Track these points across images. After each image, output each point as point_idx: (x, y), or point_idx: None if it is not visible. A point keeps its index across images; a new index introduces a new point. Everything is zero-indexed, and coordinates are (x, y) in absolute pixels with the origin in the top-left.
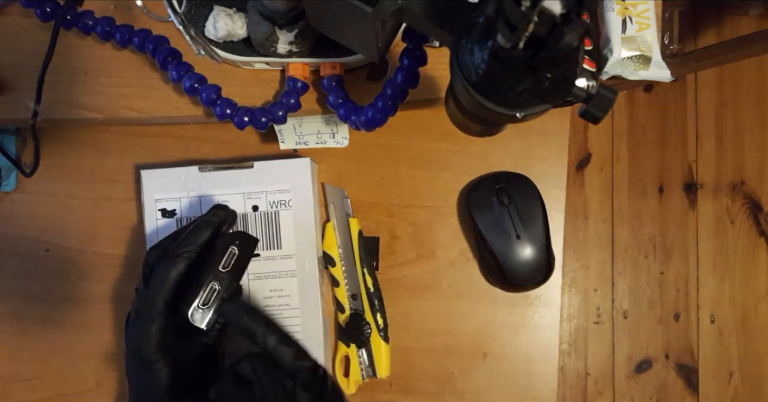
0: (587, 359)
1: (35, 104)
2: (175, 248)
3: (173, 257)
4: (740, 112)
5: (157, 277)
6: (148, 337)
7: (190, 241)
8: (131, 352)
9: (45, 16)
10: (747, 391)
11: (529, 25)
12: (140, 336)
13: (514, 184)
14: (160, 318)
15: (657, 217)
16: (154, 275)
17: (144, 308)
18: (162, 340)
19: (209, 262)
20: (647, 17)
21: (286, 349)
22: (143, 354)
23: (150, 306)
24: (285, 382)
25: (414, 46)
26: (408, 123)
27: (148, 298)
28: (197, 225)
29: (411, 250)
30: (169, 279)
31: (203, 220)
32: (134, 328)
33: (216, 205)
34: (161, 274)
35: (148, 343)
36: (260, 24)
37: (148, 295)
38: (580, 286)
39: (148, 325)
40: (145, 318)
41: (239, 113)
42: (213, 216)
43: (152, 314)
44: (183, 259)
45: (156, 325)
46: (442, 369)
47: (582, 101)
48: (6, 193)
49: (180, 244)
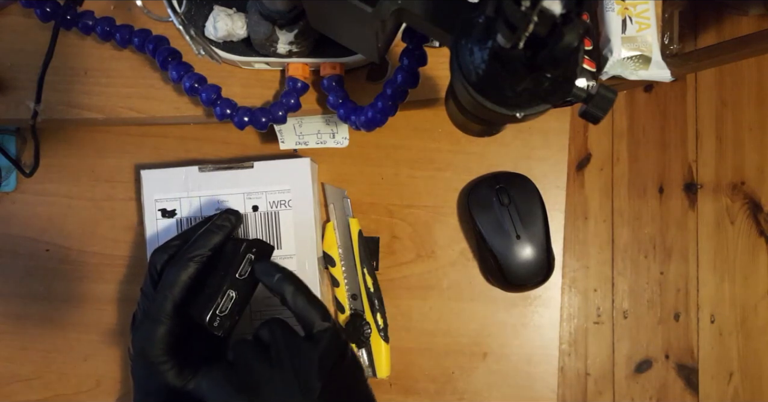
0: (587, 359)
1: (35, 104)
2: (186, 251)
3: (185, 260)
4: (740, 112)
5: (167, 280)
6: (155, 339)
7: (201, 244)
8: (137, 352)
9: (45, 16)
10: (747, 391)
11: (529, 25)
12: (148, 338)
13: (514, 184)
14: (168, 320)
15: (657, 217)
16: (165, 277)
17: (153, 310)
18: (169, 342)
19: (225, 269)
20: (647, 17)
21: (312, 311)
22: (150, 355)
23: (159, 308)
24: (300, 345)
25: (414, 46)
26: (408, 123)
27: (157, 300)
28: (208, 229)
29: (411, 250)
30: (180, 282)
31: (215, 224)
32: (141, 329)
33: (227, 210)
34: (172, 277)
35: (156, 345)
36: (260, 24)
37: (158, 297)
38: (580, 286)
39: (156, 327)
40: (153, 320)
41: (239, 113)
42: (225, 220)
43: (161, 316)
44: (194, 263)
45: (164, 328)
46: (442, 369)
47: (582, 101)
48: (6, 193)
49: (191, 247)
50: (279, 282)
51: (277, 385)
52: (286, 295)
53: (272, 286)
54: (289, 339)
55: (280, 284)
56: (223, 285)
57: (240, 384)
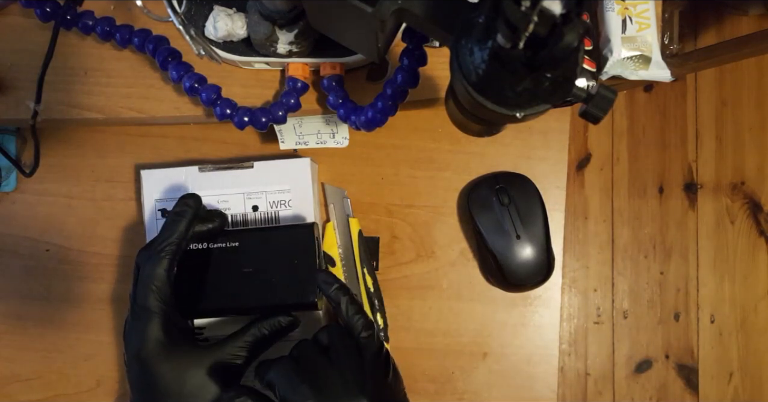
0: (587, 359)
1: (35, 104)
2: (155, 245)
3: (156, 254)
4: (740, 112)
5: (142, 277)
6: (146, 339)
7: (167, 235)
8: (131, 356)
9: (45, 16)
10: (747, 391)
11: (529, 25)
12: (139, 338)
13: (514, 184)
14: (155, 316)
15: (657, 217)
16: (141, 275)
17: (137, 310)
18: (161, 340)
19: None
20: (647, 17)
21: (360, 320)
22: (143, 356)
23: (142, 307)
24: (355, 348)
25: (414, 46)
26: (408, 123)
27: (138, 299)
28: (171, 219)
29: (411, 250)
30: (155, 276)
31: (174, 212)
32: (131, 332)
33: (183, 195)
34: (146, 273)
35: (148, 344)
36: (260, 24)
37: (138, 296)
38: (580, 286)
39: (144, 326)
40: (139, 319)
41: (239, 113)
42: (183, 206)
43: (145, 314)
44: (166, 254)
45: (153, 324)
46: (442, 369)
47: (582, 101)
48: (6, 193)
49: (158, 241)
50: (335, 292)
51: (336, 380)
52: (341, 304)
53: (329, 296)
54: (346, 341)
55: (336, 295)
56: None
57: (304, 375)
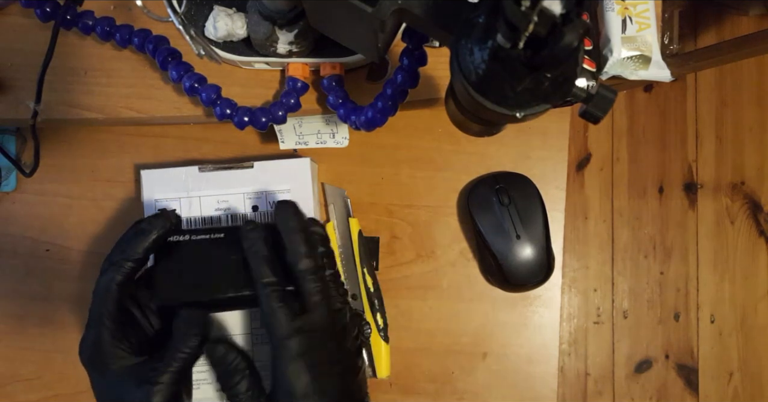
0: (587, 359)
1: (35, 104)
2: (113, 256)
3: (110, 266)
4: (740, 112)
5: (96, 288)
6: (87, 346)
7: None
8: (90, 369)
9: (45, 16)
10: (747, 391)
11: (529, 25)
12: (83, 344)
13: (514, 184)
14: (107, 323)
15: (657, 217)
16: (96, 286)
17: (90, 320)
18: (100, 350)
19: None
20: (647, 17)
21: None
22: (84, 362)
23: (90, 315)
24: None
25: (414, 46)
26: (408, 123)
27: (90, 311)
28: (134, 232)
29: (411, 250)
30: (105, 288)
31: (140, 228)
32: (82, 344)
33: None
34: (98, 285)
35: (86, 351)
36: (260, 24)
37: (91, 308)
38: (580, 286)
39: (94, 335)
40: (87, 326)
41: (239, 113)
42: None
43: (91, 322)
44: (117, 268)
45: (104, 332)
46: (442, 369)
47: (582, 101)
48: (6, 193)
49: (115, 252)
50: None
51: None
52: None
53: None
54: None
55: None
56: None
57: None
